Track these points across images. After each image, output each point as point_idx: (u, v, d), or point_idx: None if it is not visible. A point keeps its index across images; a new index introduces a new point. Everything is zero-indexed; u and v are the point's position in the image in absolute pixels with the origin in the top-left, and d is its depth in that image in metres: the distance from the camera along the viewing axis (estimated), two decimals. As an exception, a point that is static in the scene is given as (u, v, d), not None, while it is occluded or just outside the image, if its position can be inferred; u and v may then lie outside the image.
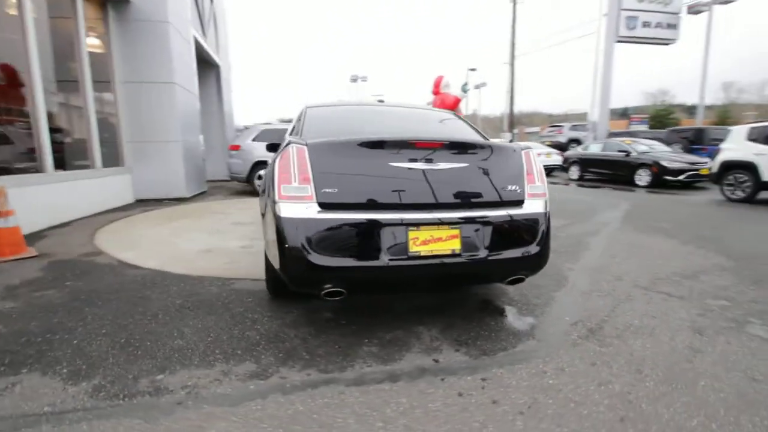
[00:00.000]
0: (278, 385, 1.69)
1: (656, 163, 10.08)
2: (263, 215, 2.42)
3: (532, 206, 2.14)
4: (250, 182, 8.00)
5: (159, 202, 6.92)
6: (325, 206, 1.88)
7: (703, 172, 9.56)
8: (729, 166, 7.57)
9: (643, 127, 25.88)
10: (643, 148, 11.08)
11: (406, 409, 1.54)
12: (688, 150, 12.38)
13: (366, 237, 1.87)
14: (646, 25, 11.02)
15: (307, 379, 1.73)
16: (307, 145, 1.96)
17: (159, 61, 6.65)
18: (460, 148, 2.09)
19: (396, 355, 1.94)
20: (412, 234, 1.90)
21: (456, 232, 1.96)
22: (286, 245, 1.85)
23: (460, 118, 3.10)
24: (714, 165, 7.95)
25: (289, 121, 4.34)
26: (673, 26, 11.47)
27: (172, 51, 6.74)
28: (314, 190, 1.89)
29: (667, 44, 11.80)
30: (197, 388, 1.66)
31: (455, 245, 1.95)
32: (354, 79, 26.23)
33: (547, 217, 2.18)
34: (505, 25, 23.26)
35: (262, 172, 7.98)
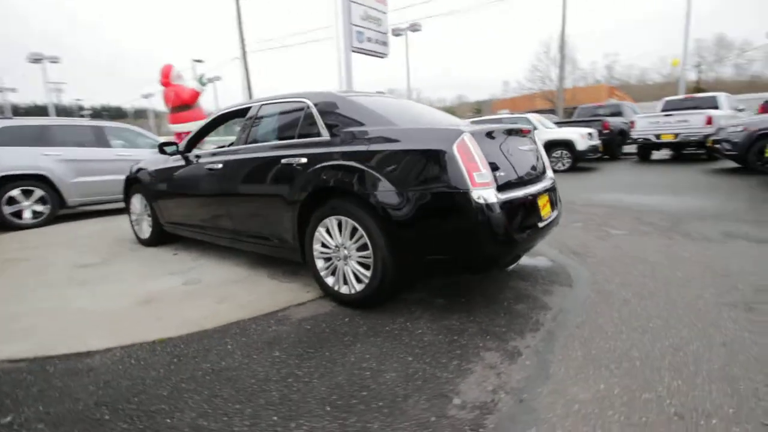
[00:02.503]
0: (541, 347, 1.85)
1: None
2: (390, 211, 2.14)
3: (551, 174, 2.96)
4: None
5: None
6: (498, 188, 2.05)
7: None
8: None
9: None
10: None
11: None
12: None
13: (531, 209, 2.19)
14: (369, 40, 13.35)
15: (547, 335, 1.96)
16: (473, 133, 2.02)
17: None
18: (529, 134, 2.63)
19: (543, 302, 2.38)
20: (539, 202, 2.35)
21: (548, 198, 2.53)
22: (497, 228, 1.93)
23: None
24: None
25: None
26: (384, 43, 14.28)
27: None
28: (492, 174, 2.02)
29: (381, 57, 14.61)
30: (505, 388, 1.60)
31: (550, 208, 2.53)
32: (37, 59, 18.66)
33: None
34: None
35: (37, 192, 5.17)
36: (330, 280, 2.48)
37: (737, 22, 57.06)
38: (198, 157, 3.42)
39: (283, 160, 2.59)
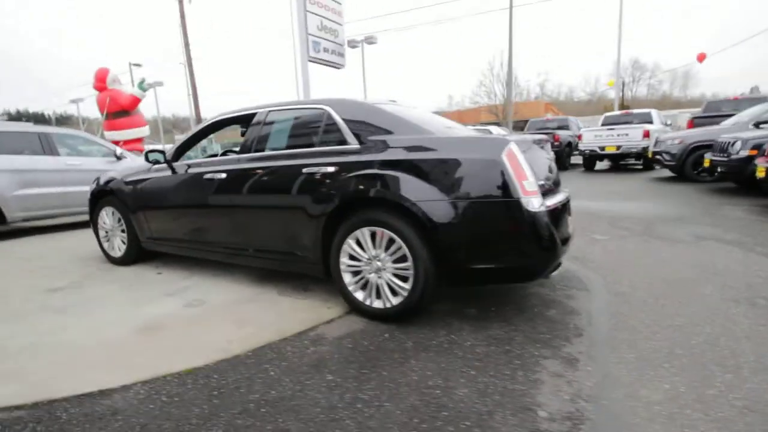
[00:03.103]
0: (591, 351, 1.88)
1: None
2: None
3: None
4: None
5: None
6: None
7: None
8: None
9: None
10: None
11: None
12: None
13: (564, 216, 2.24)
14: (326, 50, 13.36)
15: (592, 339, 2.00)
16: (518, 142, 2.03)
17: None
18: (548, 143, 2.72)
19: (571, 307, 2.44)
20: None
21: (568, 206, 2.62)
22: (546, 236, 1.97)
23: None
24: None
25: None
26: (341, 54, 14.33)
27: None
28: (537, 183, 2.05)
29: (338, 68, 14.62)
30: (582, 396, 1.60)
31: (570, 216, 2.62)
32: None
33: None
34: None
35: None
36: (360, 295, 2.36)
37: (649, 46, 65.05)
38: (188, 166, 3.14)
39: (305, 170, 2.45)
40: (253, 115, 2.89)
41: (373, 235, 2.26)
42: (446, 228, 2.04)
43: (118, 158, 5.79)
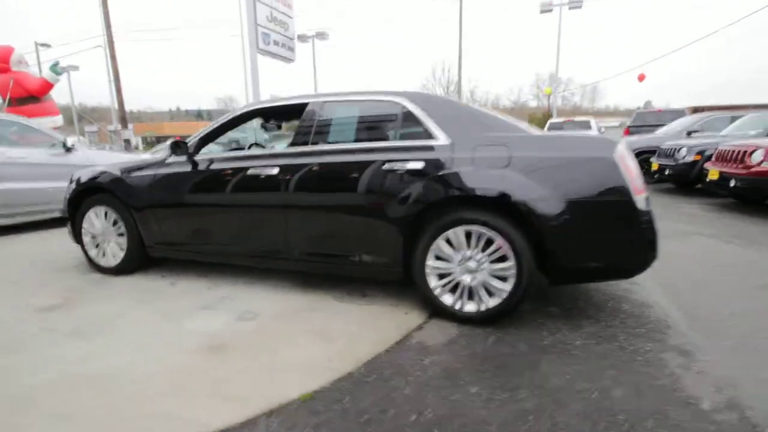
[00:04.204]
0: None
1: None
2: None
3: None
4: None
5: None
6: (637, 194, 2.14)
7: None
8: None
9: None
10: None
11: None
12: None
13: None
14: (276, 43, 13.10)
15: (681, 330, 2.10)
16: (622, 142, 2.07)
17: None
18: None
19: (638, 300, 2.55)
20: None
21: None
22: (653, 234, 2.05)
23: None
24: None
25: None
26: (291, 48, 14.06)
27: None
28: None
29: (288, 62, 14.36)
30: (722, 384, 1.66)
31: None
32: None
33: None
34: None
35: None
36: (447, 298, 2.23)
37: (564, 62, 72.61)
38: (211, 161, 2.74)
39: (385, 166, 2.25)
40: (303, 105, 2.59)
41: (467, 235, 2.15)
42: (557, 227, 2.00)
43: (68, 150, 4.90)
